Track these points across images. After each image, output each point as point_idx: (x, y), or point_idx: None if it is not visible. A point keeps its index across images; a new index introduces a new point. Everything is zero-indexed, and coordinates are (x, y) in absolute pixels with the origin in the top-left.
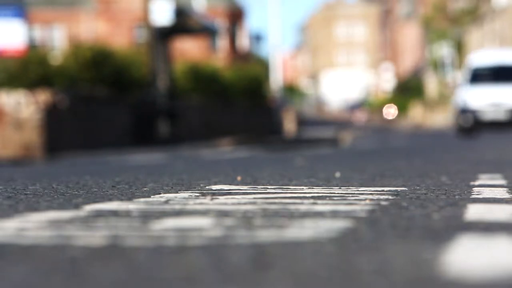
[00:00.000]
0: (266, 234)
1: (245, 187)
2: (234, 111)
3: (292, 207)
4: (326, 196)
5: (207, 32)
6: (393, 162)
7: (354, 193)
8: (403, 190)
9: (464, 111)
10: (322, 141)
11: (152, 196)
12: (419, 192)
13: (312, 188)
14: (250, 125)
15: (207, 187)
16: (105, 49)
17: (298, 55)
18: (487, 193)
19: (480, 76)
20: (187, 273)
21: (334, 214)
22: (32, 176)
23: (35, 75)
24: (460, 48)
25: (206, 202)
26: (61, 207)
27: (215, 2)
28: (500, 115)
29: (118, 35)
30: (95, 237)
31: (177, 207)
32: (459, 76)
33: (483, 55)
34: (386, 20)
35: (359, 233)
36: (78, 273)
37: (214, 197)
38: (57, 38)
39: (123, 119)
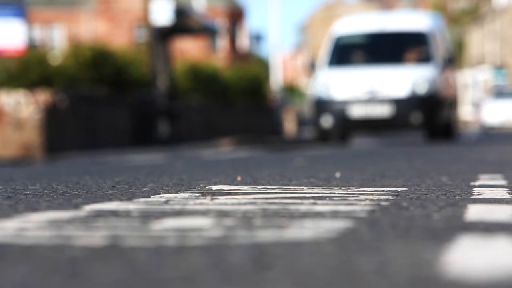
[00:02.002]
0: (266, 234)
1: (245, 187)
2: (234, 111)
3: (292, 207)
4: (326, 196)
5: (207, 32)
6: (393, 162)
7: (354, 193)
8: (403, 190)
9: (323, 106)
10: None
11: (152, 196)
12: (419, 192)
13: (312, 188)
14: (250, 125)
15: (207, 187)
16: (105, 49)
17: (298, 55)
18: (487, 193)
19: (349, 52)
20: (187, 273)
21: (334, 214)
22: (32, 176)
23: (35, 75)
24: (460, 48)
25: (206, 202)
26: (61, 207)
27: (215, 2)
28: (379, 111)
29: (118, 35)
30: (95, 237)
31: (177, 207)
32: (321, 54)
33: (352, 22)
34: None
35: (359, 233)
36: (78, 273)
37: (214, 197)
38: (57, 38)
39: (123, 119)
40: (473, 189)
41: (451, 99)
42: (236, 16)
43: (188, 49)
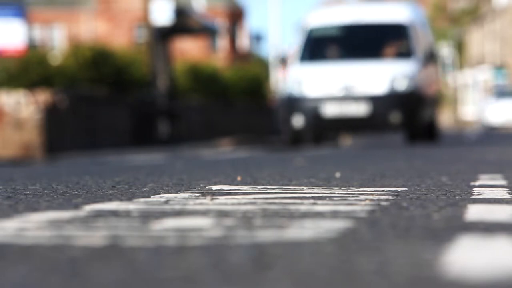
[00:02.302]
0: (266, 234)
1: (245, 187)
2: (234, 111)
3: (292, 207)
4: (326, 196)
5: (207, 32)
6: (393, 162)
7: (354, 193)
8: (403, 190)
9: (295, 104)
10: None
11: (152, 196)
12: (419, 192)
13: (312, 188)
14: (250, 125)
15: (207, 187)
16: (105, 49)
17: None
18: (487, 193)
19: (322, 46)
20: (187, 273)
21: (334, 214)
22: (32, 176)
23: (35, 75)
24: (460, 48)
25: (206, 202)
26: (61, 207)
27: (215, 2)
28: (354, 109)
29: (118, 35)
30: (95, 237)
31: (177, 207)
32: (295, 48)
33: (326, 13)
34: None
35: (359, 233)
36: (78, 273)
37: (214, 197)
38: (57, 38)
39: (123, 119)
40: (473, 189)
41: (433, 97)
42: (236, 16)
43: (188, 49)
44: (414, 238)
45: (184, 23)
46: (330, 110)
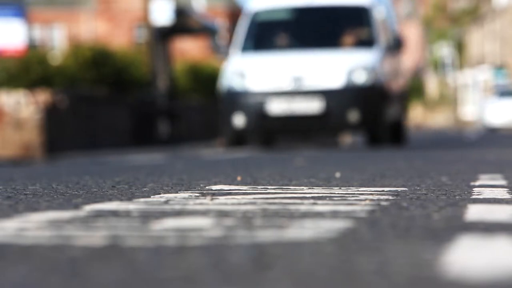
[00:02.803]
0: (266, 234)
1: (245, 187)
2: None
3: (292, 207)
4: (326, 196)
5: (207, 32)
6: (393, 162)
7: (354, 193)
8: (403, 190)
9: (236, 100)
10: (322, 141)
11: (152, 196)
12: (419, 192)
13: (312, 188)
14: None
15: (207, 187)
16: (105, 49)
17: None
18: (487, 193)
19: (269, 33)
20: (187, 273)
21: (334, 215)
22: (32, 176)
23: (35, 75)
24: (460, 48)
25: (206, 202)
26: (61, 207)
27: (215, 2)
28: (306, 106)
29: (118, 35)
30: (95, 237)
31: (177, 207)
32: (238, 37)
33: None
34: None
35: (359, 233)
36: (78, 273)
37: (214, 197)
38: (57, 38)
39: (123, 119)
40: (473, 189)
41: (399, 93)
42: (236, 16)
43: (188, 49)
44: (414, 238)
45: (184, 23)
46: (277, 107)
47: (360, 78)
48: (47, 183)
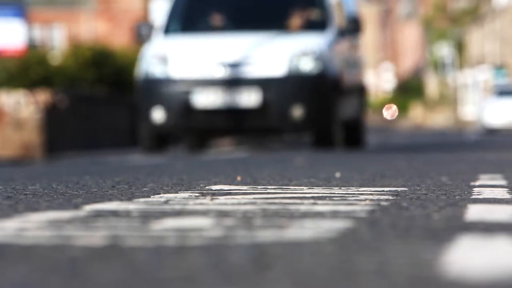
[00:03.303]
0: (266, 234)
1: (245, 187)
2: None
3: (292, 207)
4: (326, 196)
5: None
6: (393, 162)
7: (354, 193)
8: (403, 190)
9: (156, 90)
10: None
11: (152, 196)
12: (419, 192)
13: (312, 188)
14: None
15: (207, 187)
16: (105, 49)
17: None
18: (487, 193)
19: (199, 12)
20: (187, 273)
21: (334, 214)
22: (32, 176)
23: (35, 75)
24: (460, 48)
25: (206, 202)
26: (61, 207)
27: None
28: (240, 99)
29: (118, 35)
30: (95, 237)
31: (177, 207)
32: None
33: None
34: (386, 20)
35: (359, 233)
36: (78, 273)
37: (214, 197)
38: (57, 38)
39: (123, 119)
40: (473, 189)
41: (356, 85)
42: None
43: None
44: (414, 238)
45: None
46: (205, 99)
47: (306, 65)
48: (47, 183)
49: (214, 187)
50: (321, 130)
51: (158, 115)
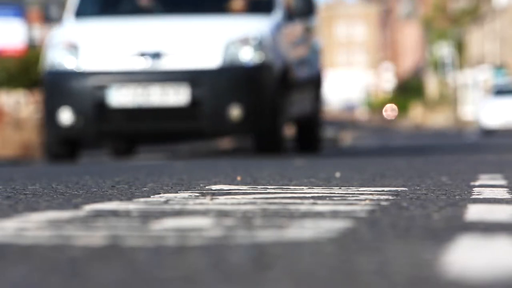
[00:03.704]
0: (266, 234)
1: (245, 187)
2: None
3: (292, 207)
4: (326, 196)
5: None
6: (393, 162)
7: (354, 193)
8: (403, 190)
9: (63, 86)
10: (322, 141)
11: (152, 196)
12: (419, 192)
13: (312, 188)
14: None
15: (207, 187)
16: None
17: None
18: (487, 193)
19: None
20: (187, 273)
21: (334, 214)
22: (32, 176)
23: (35, 75)
24: (460, 48)
25: (206, 202)
26: (60, 207)
27: None
28: (164, 96)
29: None
30: (95, 237)
31: (177, 207)
32: None
33: None
34: (386, 20)
35: (359, 233)
36: (78, 273)
37: (214, 197)
38: None
39: None
40: (473, 189)
41: (308, 78)
42: None
43: None
44: (414, 238)
45: None
46: (122, 96)
47: (245, 55)
48: (47, 183)
49: (214, 187)
50: (265, 133)
51: (65, 116)
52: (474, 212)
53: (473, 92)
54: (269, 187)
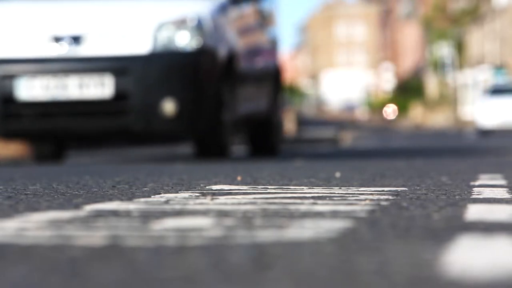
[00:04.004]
0: (266, 234)
1: (245, 187)
2: None
3: (292, 207)
4: (326, 196)
5: None
6: (393, 162)
7: (354, 193)
8: (403, 190)
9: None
10: (322, 141)
11: (152, 196)
12: (419, 192)
13: (312, 188)
14: None
15: (207, 187)
16: None
17: (298, 55)
18: (487, 193)
19: None
20: (187, 273)
21: (334, 214)
22: (32, 176)
23: None
24: (460, 48)
25: (206, 202)
26: (61, 207)
27: None
28: (83, 88)
29: None
30: (95, 237)
31: (177, 207)
32: None
33: None
34: (386, 20)
35: (359, 233)
36: (78, 273)
37: (214, 197)
38: None
39: None
40: (473, 189)
41: (262, 69)
42: None
43: None
44: (414, 238)
45: None
46: (33, 88)
47: (181, 40)
48: (48, 183)
49: (214, 187)
50: (205, 133)
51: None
52: (474, 212)
53: (473, 92)
54: (269, 187)
